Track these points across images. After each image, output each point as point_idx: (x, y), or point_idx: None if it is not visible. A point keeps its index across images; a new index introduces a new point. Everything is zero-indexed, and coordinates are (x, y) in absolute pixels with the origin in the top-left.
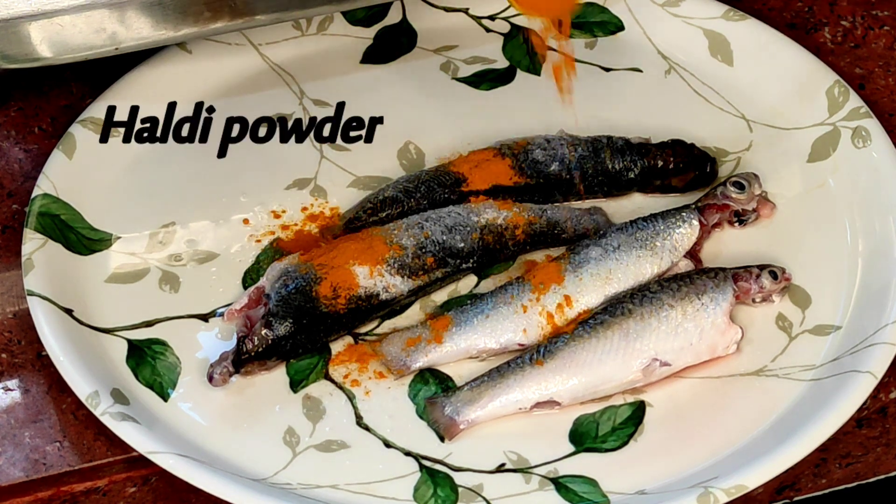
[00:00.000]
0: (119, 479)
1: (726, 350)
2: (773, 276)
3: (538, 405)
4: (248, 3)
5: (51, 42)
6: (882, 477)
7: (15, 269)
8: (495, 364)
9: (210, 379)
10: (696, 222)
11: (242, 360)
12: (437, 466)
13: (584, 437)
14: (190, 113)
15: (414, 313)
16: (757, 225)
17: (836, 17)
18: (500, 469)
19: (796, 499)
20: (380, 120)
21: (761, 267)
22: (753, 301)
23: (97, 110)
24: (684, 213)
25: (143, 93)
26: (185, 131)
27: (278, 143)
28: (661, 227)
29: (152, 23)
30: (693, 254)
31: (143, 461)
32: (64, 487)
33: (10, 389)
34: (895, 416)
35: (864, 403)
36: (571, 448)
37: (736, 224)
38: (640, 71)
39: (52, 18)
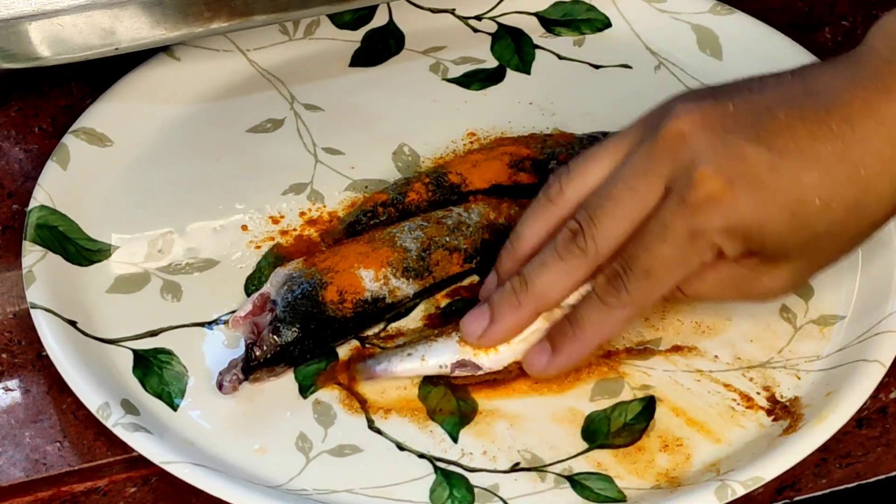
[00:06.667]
0: (119, 479)
1: None
2: None
3: (459, 364)
4: (248, 3)
5: (51, 42)
6: (882, 477)
7: (15, 269)
8: None
9: (220, 387)
10: None
11: (252, 367)
12: (452, 468)
13: (597, 433)
14: (181, 120)
15: (419, 314)
16: None
17: (836, 17)
18: (515, 468)
19: (796, 499)
20: (372, 123)
21: None
22: None
23: (88, 120)
24: None
25: (133, 102)
26: (176, 139)
27: (272, 149)
28: None
29: (152, 23)
30: None
31: (143, 461)
32: (64, 487)
33: (10, 389)
34: (895, 416)
35: (874, 394)
36: (584, 445)
37: None
38: (630, 67)
39: (53, 18)
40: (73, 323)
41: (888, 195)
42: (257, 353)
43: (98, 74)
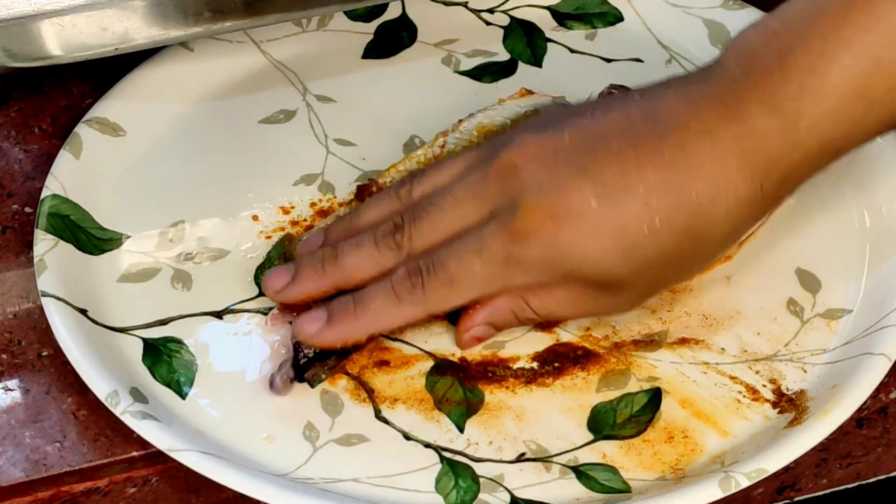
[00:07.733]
0: (119, 480)
1: None
2: None
3: None
4: (249, 2)
5: (52, 42)
6: (882, 477)
7: (15, 269)
8: None
9: (271, 385)
10: None
11: (303, 365)
12: (458, 458)
13: (603, 425)
14: (194, 111)
15: None
16: None
17: None
18: (521, 458)
19: (797, 499)
20: (384, 114)
21: None
22: None
23: (102, 110)
24: None
25: (146, 92)
26: (189, 129)
27: (284, 140)
28: None
29: (153, 23)
30: None
31: (143, 461)
32: (64, 487)
33: (10, 389)
34: (895, 416)
35: (874, 394)
36: (590, 436)
37: None
38: (642, 61)
39: (53, 18)
40: (83, 311)
41: (722, 218)
42: (305, 350)
43: (98, 74)
